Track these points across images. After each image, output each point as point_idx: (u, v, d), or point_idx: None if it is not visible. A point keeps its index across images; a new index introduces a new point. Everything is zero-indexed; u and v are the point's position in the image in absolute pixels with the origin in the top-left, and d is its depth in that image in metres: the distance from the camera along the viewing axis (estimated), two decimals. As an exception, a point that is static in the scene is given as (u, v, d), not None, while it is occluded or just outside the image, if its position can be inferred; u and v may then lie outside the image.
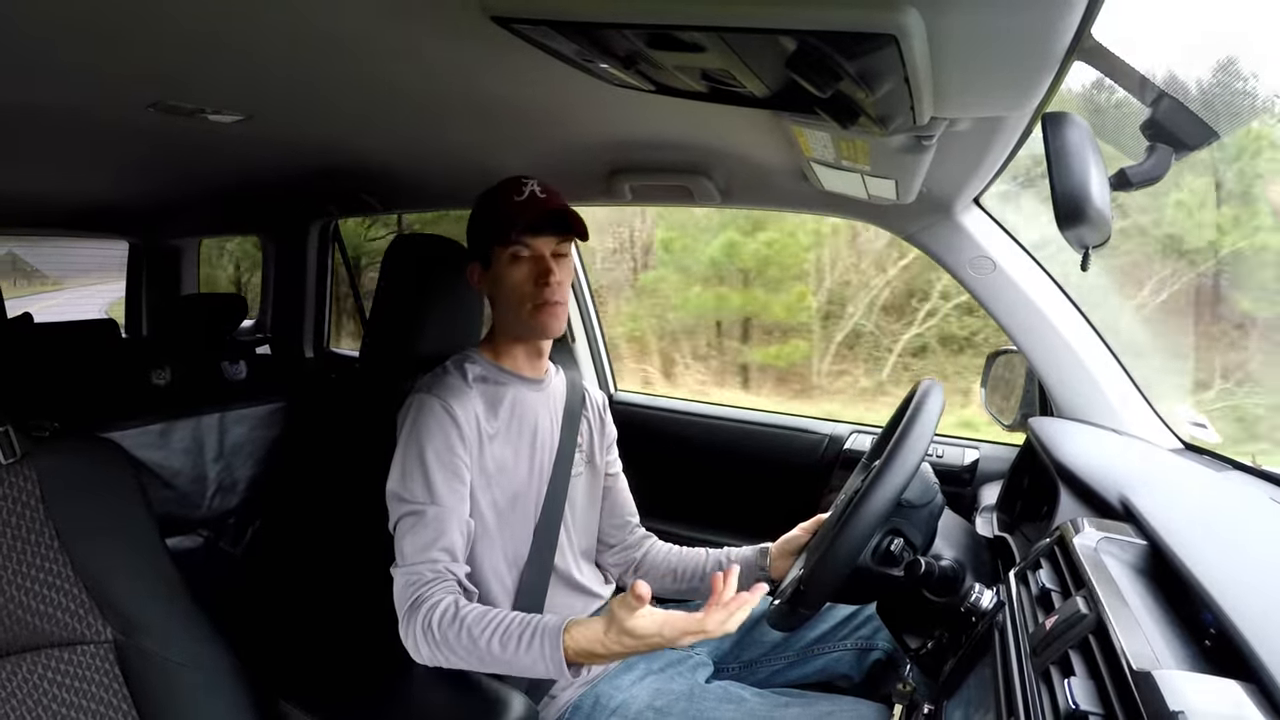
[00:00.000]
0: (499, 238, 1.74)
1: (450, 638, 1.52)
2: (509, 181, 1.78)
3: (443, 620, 1.53)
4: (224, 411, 2.86)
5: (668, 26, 0.91)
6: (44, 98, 1.68)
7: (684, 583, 2.04)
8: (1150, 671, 0.84)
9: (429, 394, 1.71)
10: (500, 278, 1.76)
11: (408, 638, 1.57)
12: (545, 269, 1.75)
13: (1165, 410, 1.93)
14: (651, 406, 3.10)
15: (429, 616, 1.54)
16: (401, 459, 1.68)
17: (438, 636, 1.53)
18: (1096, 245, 1.30)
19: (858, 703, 1.69)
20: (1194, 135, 1.17)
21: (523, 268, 1.75)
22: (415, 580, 1.60)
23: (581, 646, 1.47)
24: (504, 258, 1.75)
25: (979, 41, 0.91)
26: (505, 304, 1.79)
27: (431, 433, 1.66)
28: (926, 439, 1.39)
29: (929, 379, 1.60)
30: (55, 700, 1.32)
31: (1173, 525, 1.22)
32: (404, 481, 1.66)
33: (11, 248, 5.99)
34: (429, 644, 1.54)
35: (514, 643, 1.49)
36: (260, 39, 1.35)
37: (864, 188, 1.79)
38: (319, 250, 4.00)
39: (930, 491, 1.55)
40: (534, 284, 1.74)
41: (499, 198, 1.76)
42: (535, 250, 1.75)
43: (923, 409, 1.43)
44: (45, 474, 1.37)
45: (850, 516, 1.38)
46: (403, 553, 1.64)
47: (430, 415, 1.67)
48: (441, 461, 1.66)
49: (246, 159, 2.64)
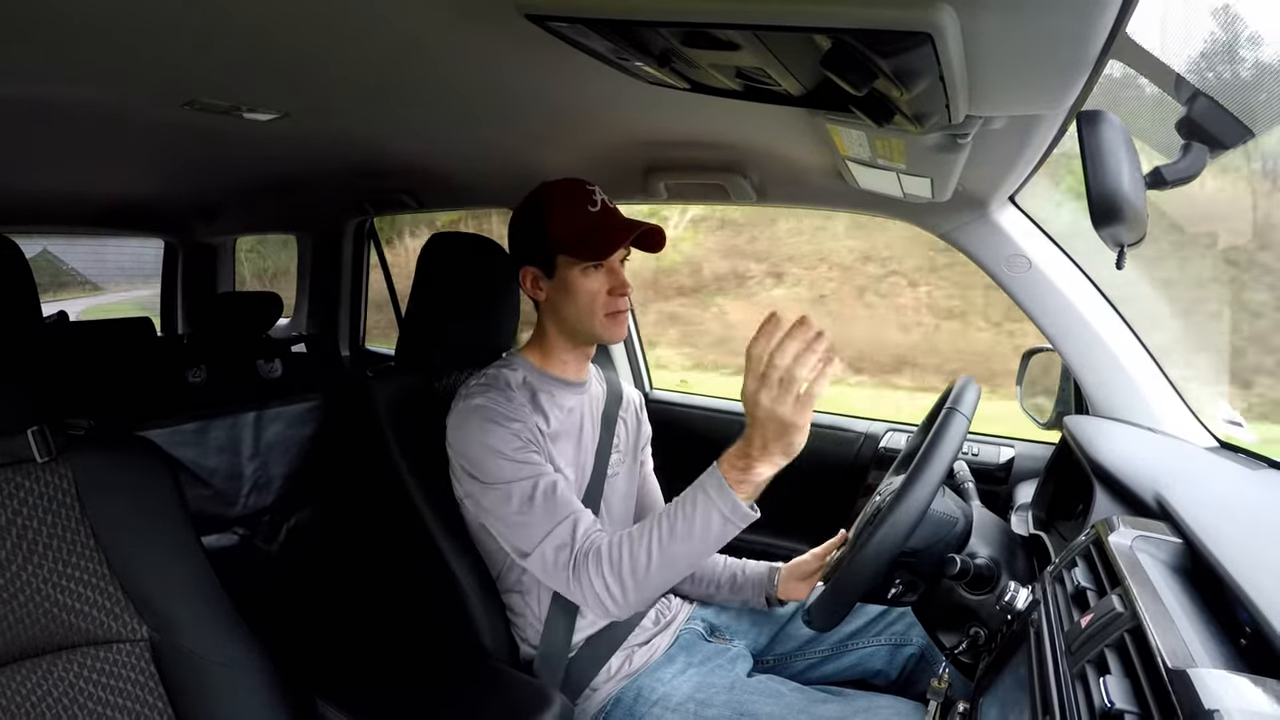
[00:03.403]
0: (582, 255, 1.73)
1: (629, 564, 1.51)
2: (573, 188, 1.78)
3: (613, 554, 1.53)
4: (260, 410, 2.88)
5: (703, 24, 0.91)
6: (78, 95, 1.70)
7: (700, 587, 2.11)
8: (1186, 670, 0.83)
9: (481, 399, 1.69)
10: (571, 287, 1.76)
11: (588, 596, 1.55)
12: (621, 280, 1.77)
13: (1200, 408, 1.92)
14: (686, 405, 3.10)
15: (598, 562, 1.53)
16: (475, 462, 1.66)
17: (613, 568, 1.52)
18: (1132, 243, 1.30)
19: (895, 700, 1.69)
20: (1230, 133, 1.17)
21: (599, 278, 1.75)
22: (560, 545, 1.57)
23: (736, 464, 1.49)
24: (576, 269, 1.75)
25: (1014, 40, 0.91)
26: (574, 312, 1.78)
27: (499, 432, 1.64)
28: (935, 482, 1.38)
29: (965, 377, 1.60)
30: (91, 698, 1.32)
31: (1208, 524, 1.21)
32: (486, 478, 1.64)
33: (46, 246, 5.97)
34: (617, 582, 1.52)
35: (681, 520, 1.49)
36: (295, 37, 1.36)
37: (899, 186, 1.78)
38: (355, 248, 4.02)
39: (943, 528, 1.54)
40: (609, 295, 1.76)
41: (569, 208, 1.75)
42: (610, 262, 1.77)
43: (937, 445, 1.43)
44: (81, 472, 1.37)
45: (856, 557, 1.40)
46: (529, 535, 1.60)
47: (491, 419, 1.65)
48: (518, 452, 1.64)
49: (282, 157, 2.67)
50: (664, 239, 1.80)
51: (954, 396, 1.52)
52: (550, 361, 1.86)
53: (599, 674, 1.80)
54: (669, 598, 2.05)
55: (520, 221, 1.83)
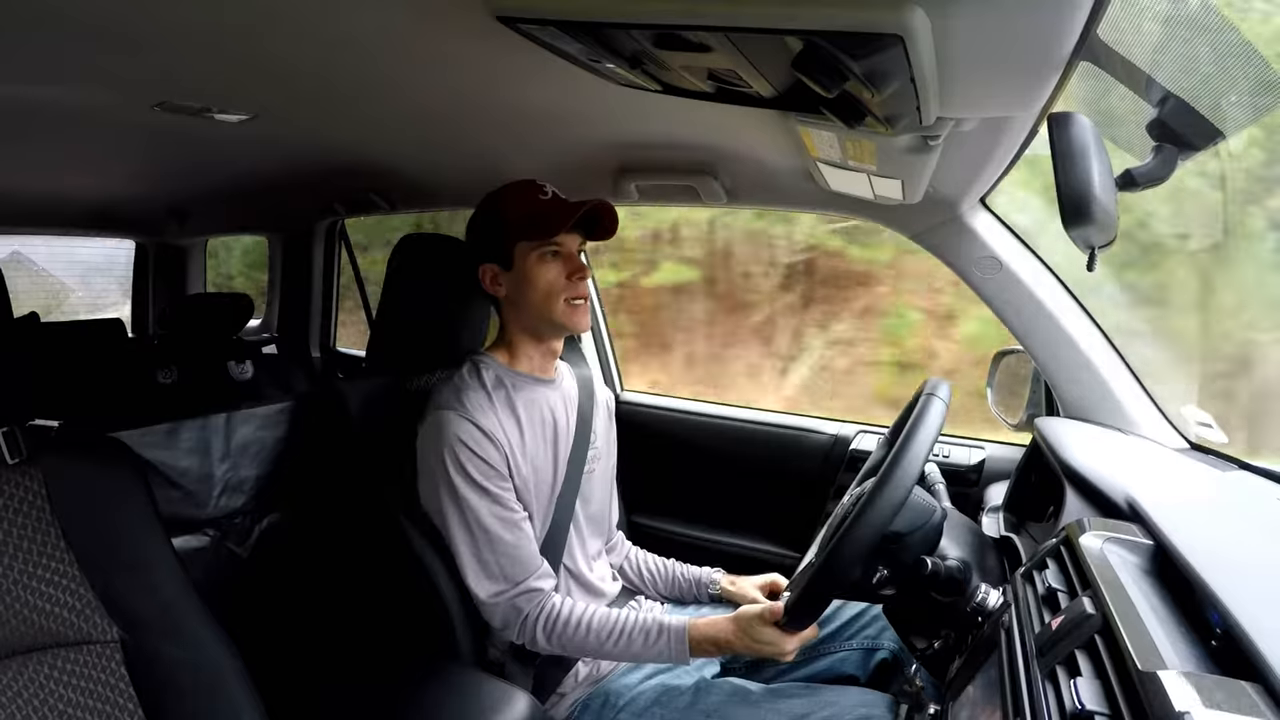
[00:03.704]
0: (532, 235, 1.76)
1: (571, 640, 1.71)
2: (525, 184, 1.81)
3: (558, 625, 1.72)
4: (231, 411, 2.87)
5: (674, 26, 0.91)
6: (49, 96, 1.69)
7: (658, 589, 2.21)
8: (1156, 672, 0.83)
9: (455, 412, 1.70)
10: (529, 276, 1.78)
11: (525, 642, 1.75)
12: (578, 265, 1.79)
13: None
14: (657, 406, 3.10)
15: (540, 626, 1.72)
16: (443, 480, 1.70)
17: (558, 641, 1.72)
18: (1102, 246, 1.30)
19: (863, 692, 1.71)
20: (1200, 135, 1.17)
21: (555, 265, 1.78)
22: (508, 595, 1.73)
23: (706, 635, 1.68)
24: (532, 257, 1.77)
25: (985, 42, 0.91)
26: (534, 303, 1.79)
27: (469, 453, 1.68)
28: (920, 461, 1.38)
29: (934, 379, 1.60)
30: (62, 700, 1.31)
31: (1179, 525, 1.22)
32: (455, 503, 1.70)
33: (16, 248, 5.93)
34: (549, 645, 1.73)
35: (641, 640, 1.70)
36: (266, 39, 1.35)
37: (870, 188, 1.79)
38: (326, 250, 4.00)
39: (923, 515, 1.54)
40: (567, 279, 1.78)
41: (522, 198, 1.78)
42: (566, 248, 1.79)
43: (919, 426, 1.42)
44: (51, 474, 1.36)
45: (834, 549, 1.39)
46: (488, 574, 1.73)
47: (464, 433, 1.68)
48: (488, 479, 1.70)
49: (253, 158, 2.65)
50: (615, 221, 1.83)
51: (930, 386, 1.52)
52: (517, 359, 1.87)
53: (566, 679, 1.82)
54: (638, 601, 2.06)
55: (477, 220, 1.86)
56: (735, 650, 1.67)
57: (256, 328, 4.43)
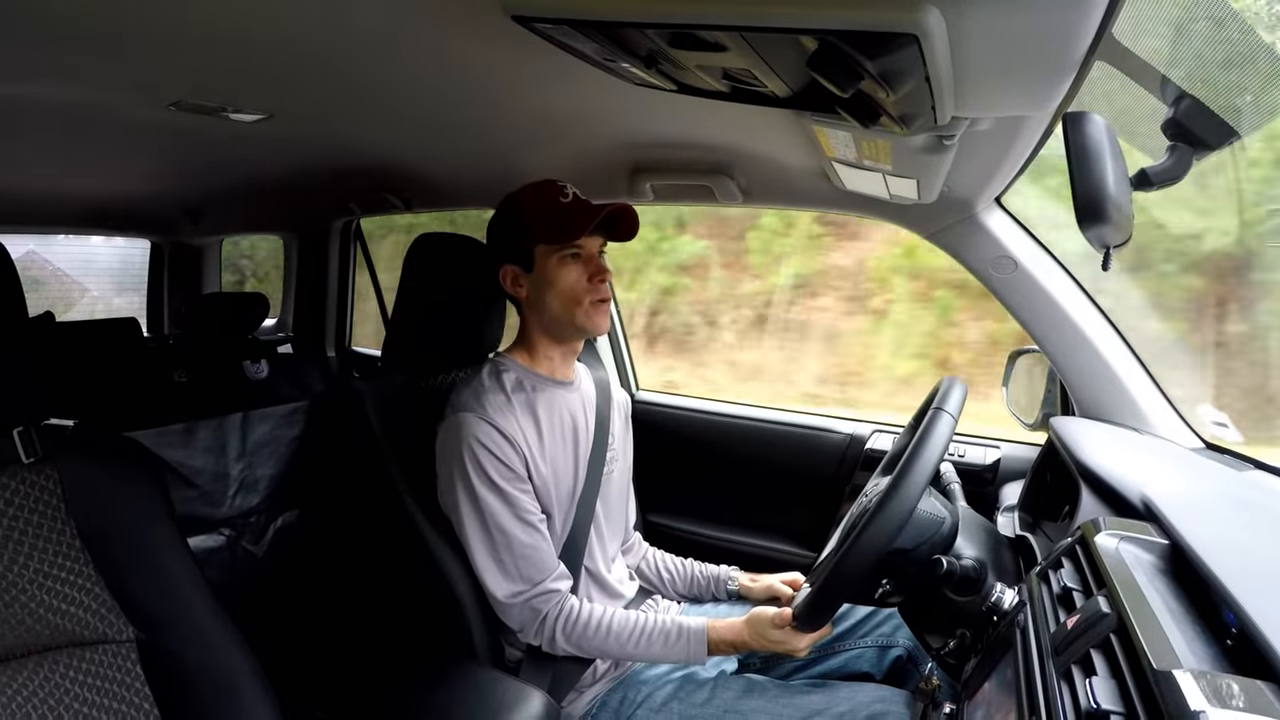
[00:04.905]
0: (553, 238, 1.75)
1: (590, 641, 1.74)
2: (545, 185, 1.80)
3: (577, 626, 1.74)
4: (246, 411, 2.88)
5: (689, 26, 0.91)
6: (64, 95, 1.70)
7: (676, 588, 2.22)
8: (1171, 671, 0.83)
9: (474, 414, 1.71)
10: (550, 278, 1.77)
11: (543, 644, 1.77)
12: (600, 267, 1.79)
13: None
14: (673, 406, 3.10)
15: (560, 627, 1.75)
16: (461, 481, 1.71)
17: (577, 642, 1.74)
18: (1118, 245, 1.30)
19: (878, 688, 1.71)
20: (1215, 135, 1.17)
21: (577, 267, 1.77)
22: (525, 595, 1.75)
23: (724, 637, 1.74)
24: (553, 259, 1.77)
25: (1000, 41, 0.91)
26: (555, 304, 1.79)
27: (488, 455, 1.69)
28: (922, 484, 1.38)
29: (949, 378, 1.59)
30: (77, 699, 1.31)
31: (1194, 524, 1.21)
32: (473, 504, 1.71)
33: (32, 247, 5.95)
34: (569, 646, 1.76)
35: (660, 641, 1.74)
36: (281, 38, 1.36)
37: (885, 187, 1.78)
38: (341, 249, 4.01)
39: (929, 529, 1.54)
40: (588, 282, 1.77)
41: (542, 200, 1.78)
42: (587, 251, 1.78)
43: (923, 446, 1.42)
44: (67, 473, 1.36)
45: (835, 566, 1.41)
46: (505, 575, 1.74)
47: (483, 435, 1.69)
48: (506, 481, 1.70)
49: (268, 158, 2.66)
50: (636, 223, 1.81)
51: (940, 396, 1.52)
52: (537, 360, 1.87)
53: (585, 676, 1.82)
54: (655, 601, 2.06)
55: (498, 221, 1.86)
56: (750, 648, 1.72)
57: (272, 327, 4.45)
